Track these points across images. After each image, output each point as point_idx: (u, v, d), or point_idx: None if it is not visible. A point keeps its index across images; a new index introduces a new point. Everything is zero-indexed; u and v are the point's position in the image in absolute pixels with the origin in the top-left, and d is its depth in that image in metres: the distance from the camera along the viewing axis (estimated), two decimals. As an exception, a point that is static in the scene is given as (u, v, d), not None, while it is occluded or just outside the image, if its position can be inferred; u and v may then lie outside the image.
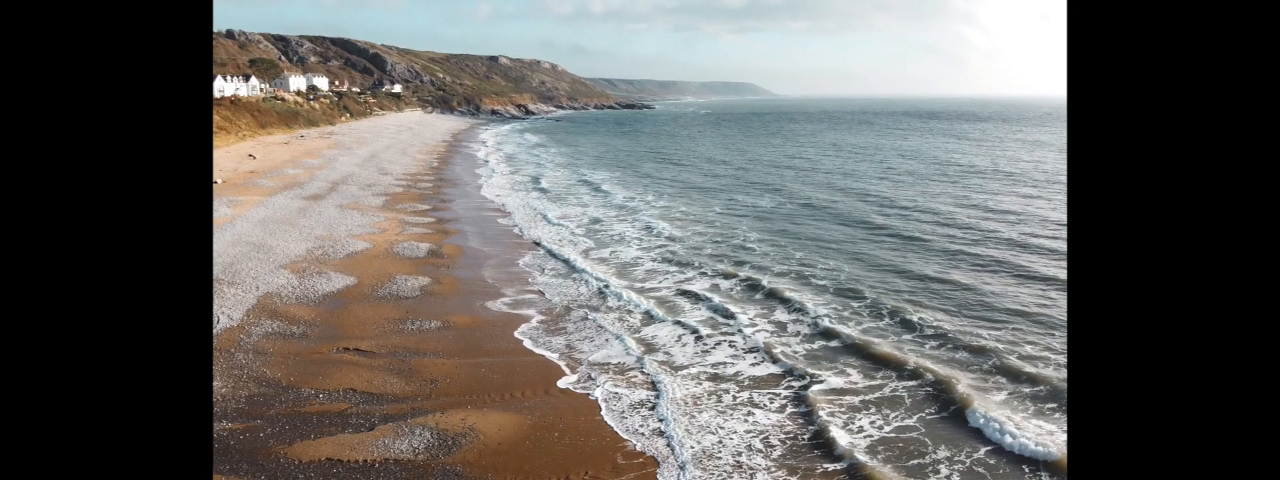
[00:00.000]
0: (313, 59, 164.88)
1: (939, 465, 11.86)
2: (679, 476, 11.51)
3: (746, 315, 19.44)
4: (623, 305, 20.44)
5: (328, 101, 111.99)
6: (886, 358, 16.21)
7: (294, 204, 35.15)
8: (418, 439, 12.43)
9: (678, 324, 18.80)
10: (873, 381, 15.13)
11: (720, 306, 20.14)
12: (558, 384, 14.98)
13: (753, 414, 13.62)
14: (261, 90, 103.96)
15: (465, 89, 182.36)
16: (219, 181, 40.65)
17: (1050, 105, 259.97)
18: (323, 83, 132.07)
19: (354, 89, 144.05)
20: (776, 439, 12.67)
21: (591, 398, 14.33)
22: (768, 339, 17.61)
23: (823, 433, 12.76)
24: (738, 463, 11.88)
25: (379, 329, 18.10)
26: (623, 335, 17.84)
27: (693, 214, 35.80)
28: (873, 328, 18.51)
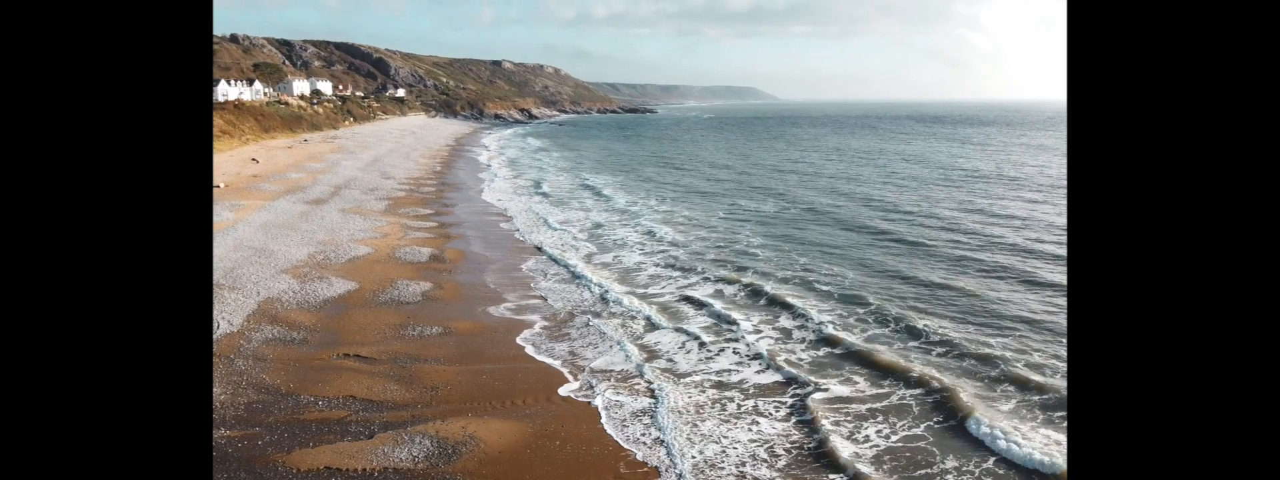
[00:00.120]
0: (316, 63, 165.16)
1: (946, 476, 11.70)
2: (682, 487, 11.35)
3: (750, 322, 19.28)
4: (625, 311, 20.29)
5: (331, 106, 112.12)
6: (891, 365, 16.04)
7: (296, 208, 35.07)
8: (417, 447, 12.28)
9: (681, 331, 18.64)
10: (878, 389, 14.96)
11: (723, 313, 19.98)
12: (559, 391, 14.83)
13: (757, 423, 13.46)
14: (265, 94, 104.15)
15: (469, 93, 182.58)
16: (221, 186, 40.60)
17: (1054, 109, 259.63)
18: (326, 87, 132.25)
19: (357, 93, 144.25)
20: (781, 449, 12.51)
21: (593, 406, 14.18)
22: (771, 346, 17.46)
23: (828, 442, 12.59)
24: (741, 473, 11.71)
25: (380, 335, 17.97)
26: (625, 342, 17.69)
27: (695, 219, 35.66)
28: (877, 335, 18.34)
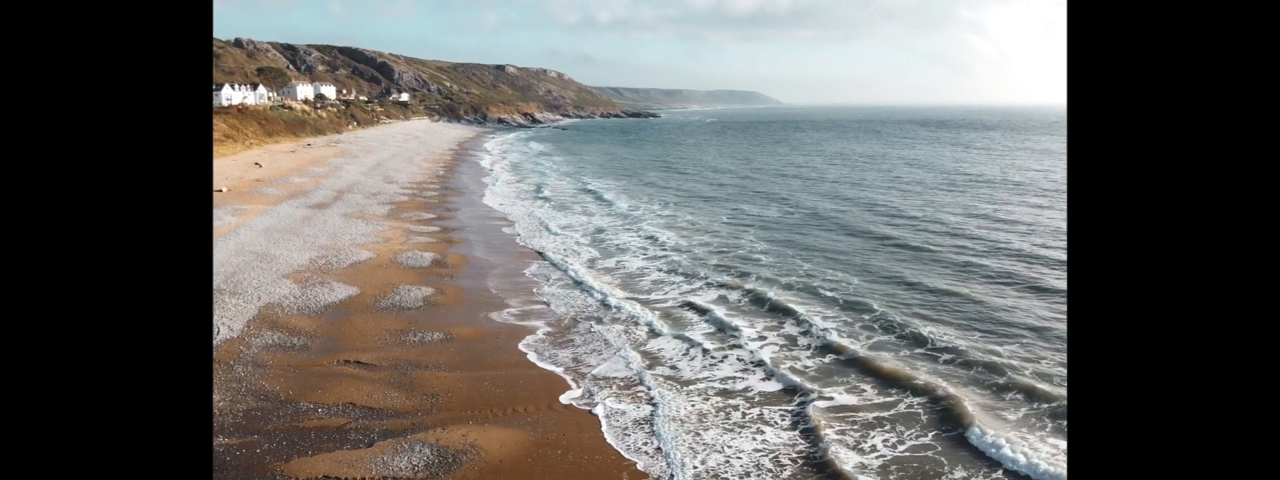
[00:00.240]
0: (320, 68, 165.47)
1: (953, 486, 11.51)
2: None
3: (753, 329, 19.11)
4: (628, 318, 20.13)
5: (335, 110, 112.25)
6: (896, 374, 15.85)
7: (299, 213, 34.98)
8: (417, 456, 12.13)
9: (684, 338, 18.48)
10: (884, 398, 14.78)
11: (727, 320, 19.81)
12: (561, 399, 14.66)
13: (762, 432, 13.29)
14: (269, 99, 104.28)
15: (472, 98, 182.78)
16: (223, 190, 40.54)
17: (1057, 114, 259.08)
18: (330, 91, 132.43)
19: (361, 97, 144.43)
20: (786, 459, 12.33)
21: (595, 414, 14.02)
22: (775, 354, 17.29)
23: (833, 452, 12.41)
24: (746, 483, 11.54)
25: (380, 341, 17.83)
26: (628, 349, 17.53)
27: (698, 224, 35.51)
28: (882, 342, 18.16)
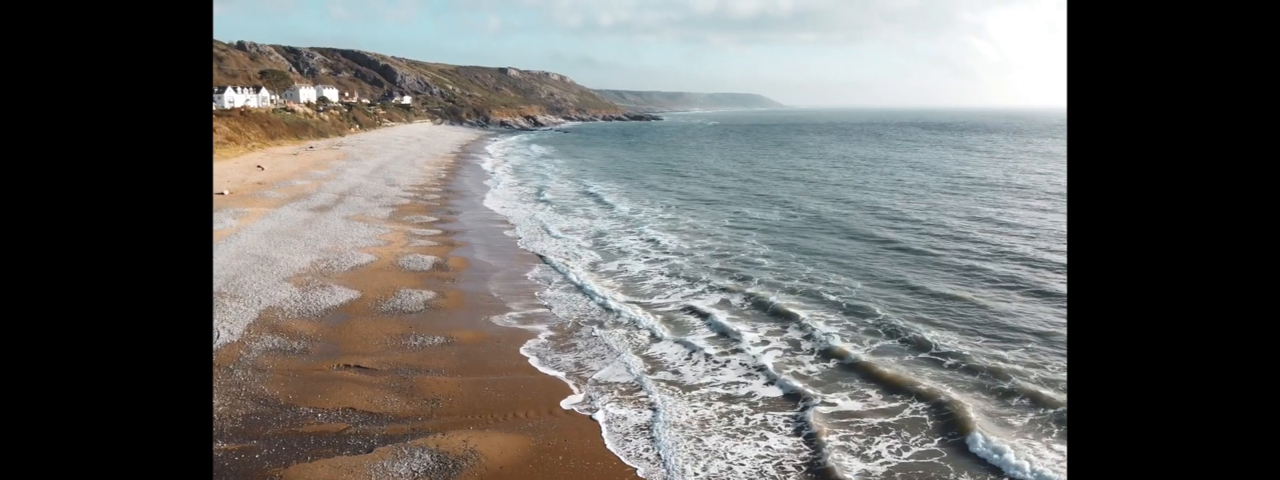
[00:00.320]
0: (323, 70, 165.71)
1: (958, 494, 11.40)
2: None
3: (755, 334, 19.01)
4: (629, 322, 20.04)
5: (337, 113, 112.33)
6: (900, 379, 15.74)
7: (300, 216, 34.93)
8: (417, 461, 12.04)
9: (686, 342, 18.38)
10: (888, 404, 14.67)
11: (728, 324, 19.71)
12: (562, 404, 14.57)
13: (765, 438, 13.18)
14: (271, 101, 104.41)
15: (474, 100, 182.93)
16: (225, 193, 40.52)
17: (1060, 116, 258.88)
18: (332, 94, 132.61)
19: (363, 100, 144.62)
20: (790, 465, 12.23)
21: (596, 419, 13.92)
22: (777, 359, 17.19)
23: (836, 459, 12.31)
24: (748, 490, 11.43)
25: (381, 345, 17.75)
26: (629, 354, 17.44)
27: (699, 227, 35.42)
28: (885, 347, 18.05)
